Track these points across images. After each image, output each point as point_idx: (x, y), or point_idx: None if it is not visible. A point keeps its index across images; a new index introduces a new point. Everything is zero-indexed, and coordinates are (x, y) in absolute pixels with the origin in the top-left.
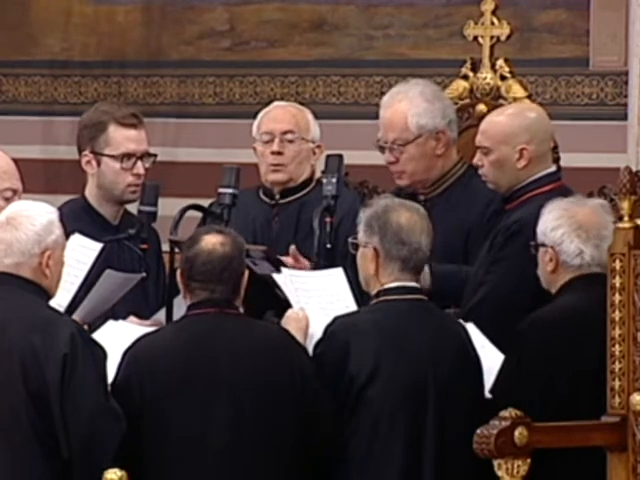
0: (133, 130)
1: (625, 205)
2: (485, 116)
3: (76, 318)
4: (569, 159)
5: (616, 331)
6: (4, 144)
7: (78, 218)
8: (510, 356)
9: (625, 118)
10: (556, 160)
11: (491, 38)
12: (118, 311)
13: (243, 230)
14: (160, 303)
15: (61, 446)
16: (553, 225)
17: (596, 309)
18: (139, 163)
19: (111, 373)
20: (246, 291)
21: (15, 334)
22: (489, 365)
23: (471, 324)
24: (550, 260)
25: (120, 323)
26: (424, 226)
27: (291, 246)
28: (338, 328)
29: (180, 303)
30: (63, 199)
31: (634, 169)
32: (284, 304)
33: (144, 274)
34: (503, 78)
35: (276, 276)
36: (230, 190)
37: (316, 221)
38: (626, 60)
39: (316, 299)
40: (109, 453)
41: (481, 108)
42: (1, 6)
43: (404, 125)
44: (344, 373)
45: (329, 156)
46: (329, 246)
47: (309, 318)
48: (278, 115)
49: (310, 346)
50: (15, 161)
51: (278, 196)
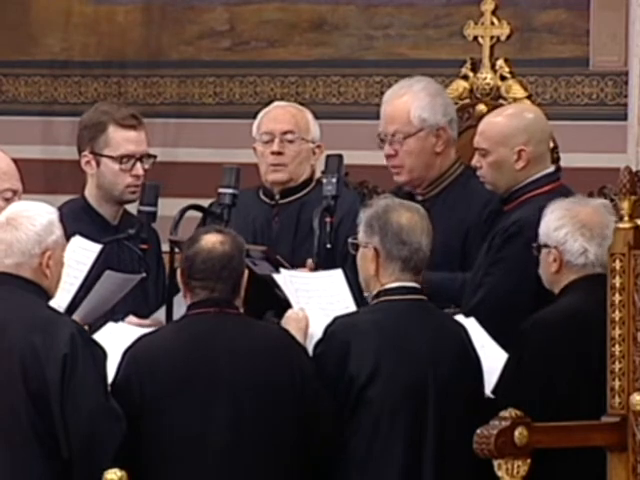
0: (133, 131)
1: (625, 205)
2: (485, 116)
3: (76, 318)
4: (569, 159)
5: (616, 331)
6: (4, 144)
7: (78, 218)
8: (512, 356)
9: (625, 118)
10: (556, 160)
11: (491, 38)
12: (118, 311)
13: (243, 230)
14: (160, 302)
15: (61, 446)
16: (556, 225)
17: (598, 310)
18: (138, 164)
19: (111, 373)
20: (246, 291)
21: (15, 334)
22: (490, 365)
23: (472, 319)
24: (554, 260)
25: (120, 325)
26: (424, 226)
27: (308, 260)
28: (338, 328)
29: (180, 302)
30: (63, 199)
31: (634, 169)
32: (284, 304)
33: (144, 274)
34: (503, 78)
35: (276, 276)
36: (230, 190)
37: (316, 221)
38: (626, 60)
39: (316, 300)
40: (109, 453)
41: (481, 108)
42: (1, 6)
43: (406, 118)
44: (344, 373)
45: (329, 156)
46: (329, 246)
47: (309, 318)
48: (278, 115)
49: (310, 346)
50: (15, 161)
51: (278, 196)
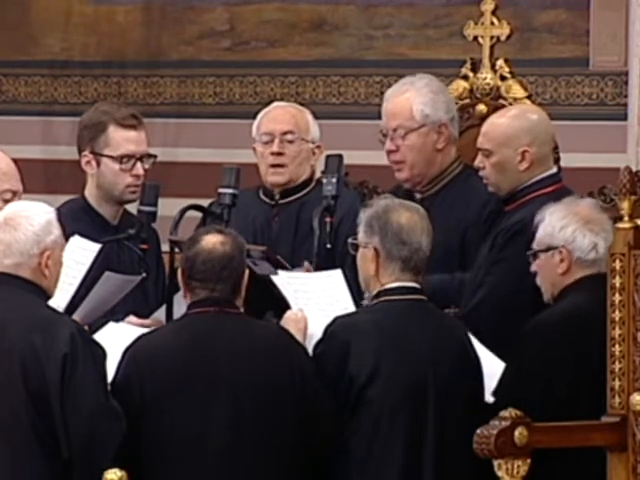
0: (133, 131)
1: (625, 205)
2: (485, 116)
3: (76, 319)
4: (569, 159)
5: (616, 331)
6: (4, 144)
7: (78, 218)
8: (513, 358)
9: (625, 118)
10: (556, 160)
11: (491, 38)
12: (118, 311)
13: (243, 230)
14: (160, 302)
15: (61, 446)
16: (561, 224)
17: (599, 310)
18: (138, 164)
19: (111, 373)
20: (246, 291)
21: (15, 334)
22: (489, 371)
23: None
24: (561, 261)
25: (121, 325)
26: (424, 226)
27: (305, 262)
28: (338, 328)
29: (180, 301)
30: (63, 199)
31: (634, 169)
32: (284, 305)
33: (144, 275)
34: (503, 78)
35: (274, 277)
36: (230, 190)
37: (316, 221)
38: (626, 60)
39: (315, 300)
40: (109, 453)
41: (481, 108)
42: (1, 6)
43: (409, 113)
44: (344, 373)
45: (329, 156)
46: (329, 246)
47: (308, 319)
48: (278, 116)
49: (309, 347)
50: (15, 161)
51: (278, 196)
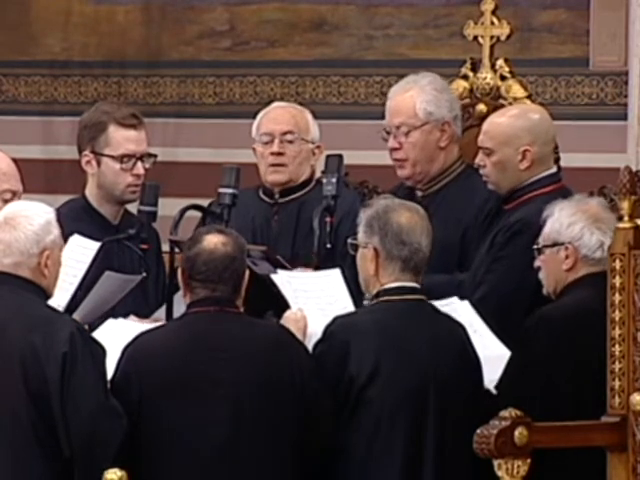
0: (133, 131)
1: (625, 205)
2: (485, 116)
3: (76, 318)
4: (569, 159)
5: (616, 331)
6: (4, 144)
7: (78, 218)
8: (517, 352)
9: (625, 118)
10: (556, 160)
11: (491, 38)
12: (118, 311)
13: (243, 229)
14: (160, 302)
15: (62, 445)
16: (569, 221)
17: (603, 307)
18: (139, 164)
19: (110, 371)
20: (246, 291)
21: (15, 334)
22: (483, 353)
23: (466, 302)
24: (567, 257)
25: (120, 321)
26: (424, 226)
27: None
28: (338, 328)
29: (180, 301)
30: (63, 199)
31: (634, 169)
32: (284, 304)
33: (144, 275)
34: (503, 78)
35: (274, 277)
36: (230, 190)
37: (316, 221)
38: (626, 60)
39: (314, 300)
40: (110, 451)
41: (481, 108)
42: (1, 6)
43: (412, 111)
44: (344, 373)
45: (329, 156)
46: (329, 246)
47: (307, 318)
48: (278, 116)
49: (309, 346)
50: (15, 161)
51: (278, 195)
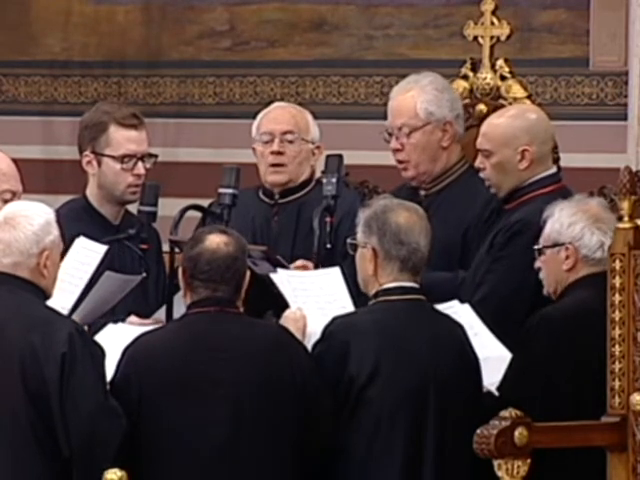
0: (134, 131)
1: (625, 205)
2: (485, 116)
3: (76, 319)
4: (569, 159)
5: (616, 331)
6: (4, 144)
7: (79, 218)
8: (517, 352)
9: (625, 118)
10: (556, 160)
11: (491, 38)
12: (118, 311)
13: (243, 230)
14: (160, 302)
15: (61, 445)
16: (570, 221)
17: (604, 307)
18: (139, 164)
19: (110, 372)
20: (246, 291)
21: (14, 334)
22: (483, 353)
23: (467, 305)
24: (567, 257)
25: (120, 326)
26: (423, 226)
27: (298, 261)
28: (337, 328)
29: (180, 301)
30: (64, 199)
31: (634, 169)
32: (283, 304)
33: (144, 275)
34: (503, 78)
35: (273, 276)
36: (230, 190)
37: (316, 221)
38: (626, 60)
39: (314, 299)
40: (110, 451)
41: (481, 108)
42: (1, 6)
43: (413, 111)
44: (344, 373)
45: (329, 156)
46: (329, 246)
47: (307, 318)
48: (278, 115)
49: (308, 346)
50: (15, 161)
51: (278, 196)
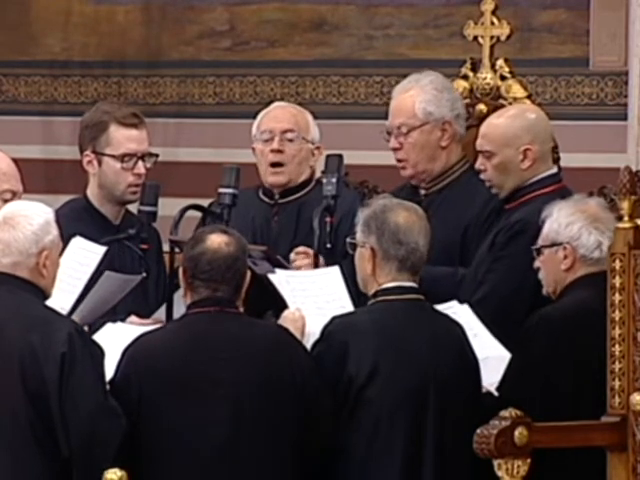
0: (134, 130)
1: (625, 205)
2: (485, 116)
3: (75, 319)
4: (569, 159)
5: (616, 331)
6: (4, 144)
7: (79, 218)
8: (517, 352)
9: (625, 118)
10: (556, 160)
11: (491, 38)
12: (118, 311)
13: (243, 230)
14: (160, 303)
15: (61, 445)
16: (567, 221)
17: (604, 306)
18: (140, 163)
19: (110, 372)
20: (246, 291)
21: (13, 334)
22: (482, 354)
23: (466, 306)
24: (565, 257)
25: (119, 325)
26: (422, 226)
27: (299, 247)
28: (336, 328)
29: (180, 301)
30: (64, 199)
31: (634, 169)
32: (283, 304)
33: (144, 275)
34: (503, 78)
35: (272, 277)
36: (230, 190)
37: (316, 221)
38: (626, 60)
39: (313, 299)
40: (109, 451)
41: (481, 108)
42: (1, 6)
43: (411, 111)
44: (343, 373)
45: (329, 156)
46: (329, 246)
47: (305, 318)
48: (278, 115)
49: (307, 346)
50: (15, 161)
51: (277, 196)
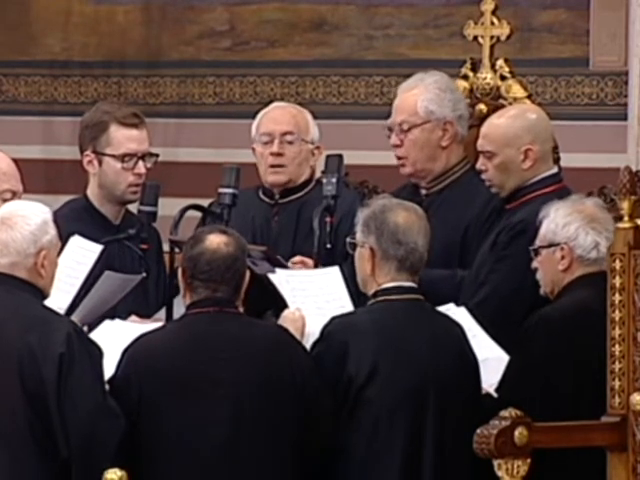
0: (134, 130)
1: (625, 205)
2: (485, 116)
3: (75, 319)
4: (569, 159)
5: (616, 331)
6: (4, 144)
7: (79, 218)
8: (516, 353)
9: (625, 118)
10: (556, 160)
11: (491, 38)
12: (119, 311)
13: (243, 230)
14: (161, 303)
15: (59, 446)
16: (565, 221)
17: (602, 307)
18: (140, 163)
19: (109, 372)
20: (246, 291)
21: (12, 334)
22: (481, 355)
23: (463, 309)
24: (562, 258)
25: (117, 322)
26: (421, 226)
27: (296, 257)
28: (336, 328)
29: (180, 303)
30: (64, 199)
31: (634, 169)
32: (283, 304)
33: (144, 274)
34: (503, 78)
35: (272, 277)
36: (230, 190)
37: (316, 221)
38: (626, 60)
39: (312, 299)
40: (108, 451)
41: (481, 108)
42: (1, 6)
43: (413, 109)
44: (343, 373)
45: (329, 156)
46: (329, 246)
47: (305, 318)
48: (277, 116)
49: (307, 346)
50: (15, 161)
51: (278, 196)
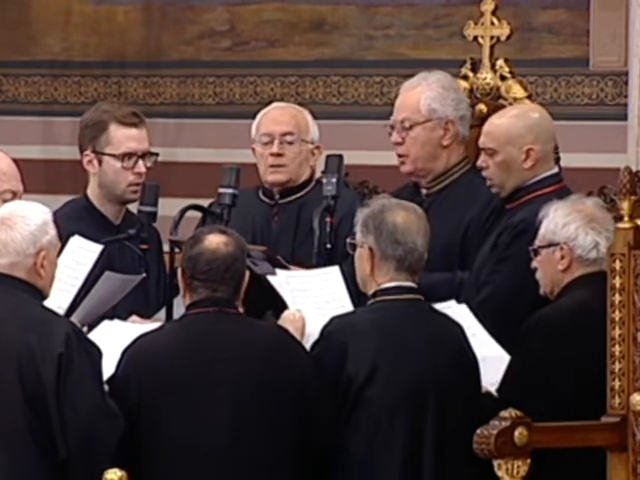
0: (134, 129)
1: (625, 205)
2: (485, 117)
3: (75, 319)
4: (569, 159)
5: (616, 331)
6: (4, 144)
7: (79, 218)
8: (516, 353)
9: (625, 118)
10: (556, 160)
11: (491, 38)
12: (119, 311)
13: (243, 230)
14: (161, 303)
15: (59, 446)
16: (564, 221)
17: (603, 307)
18: (140, 162)
19: (108, 372)
20: (246, 291)
21: (11, 334)
22: (480, 353)
23: (464, 306)
24: (562, 258)
25: (116, 322)
26: (421, 226)
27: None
28: (335, 328)
29: (180, 303)
30: (63, 199)
31: (634, 169)
32: (283, 305)
33: (144, 275)
34: (503, 78)
35: (271, 278)
36: (230, 190)
37: (316, 221)
38: (626, 60)
39: (312, 299)
40: (107, 452)
41: (481, 108)
42: (1, 6)
43: (416, 107)
44: (342, 373)
45: (329, 156)
46: (329, 246)
47: (305, 319)
48: (277, 116)
49: (307, 346)
50: (15, 161)
51: (278, 196)
